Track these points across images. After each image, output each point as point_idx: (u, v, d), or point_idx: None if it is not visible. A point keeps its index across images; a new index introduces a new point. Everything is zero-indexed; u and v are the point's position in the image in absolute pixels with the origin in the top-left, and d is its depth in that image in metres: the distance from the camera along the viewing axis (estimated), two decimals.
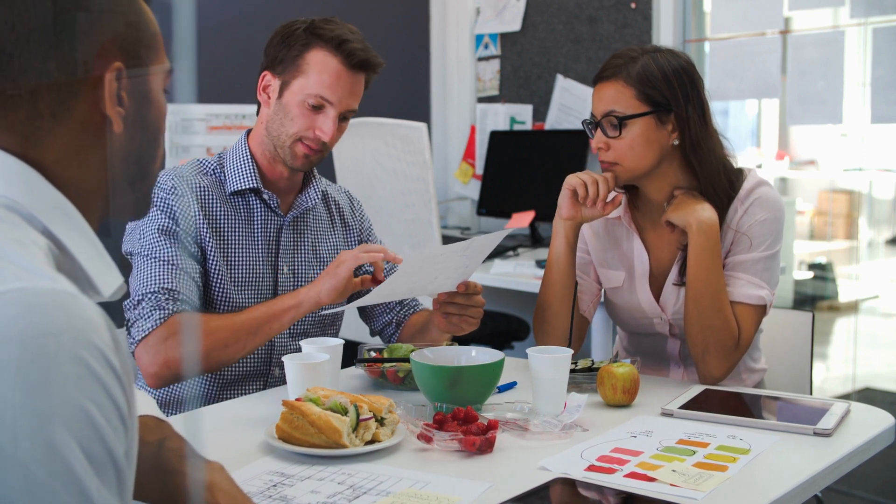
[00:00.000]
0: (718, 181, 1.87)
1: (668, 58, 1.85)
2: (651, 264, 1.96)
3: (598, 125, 1.86)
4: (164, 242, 1.81)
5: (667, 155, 1.87)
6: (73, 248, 0.88)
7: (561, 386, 1.62)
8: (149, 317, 1.73)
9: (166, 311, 1.74)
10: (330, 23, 1.88)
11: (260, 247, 1.92)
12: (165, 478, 1.12)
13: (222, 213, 1.89)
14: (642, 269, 1.96)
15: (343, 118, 1.91)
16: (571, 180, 1.89)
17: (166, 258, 1.80)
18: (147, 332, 1.72)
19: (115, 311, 1.80)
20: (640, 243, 1.96)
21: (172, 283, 1.78)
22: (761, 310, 1.86)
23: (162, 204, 1.84)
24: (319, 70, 1.85)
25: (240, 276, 1.89)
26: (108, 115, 0.91)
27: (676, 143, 1.86)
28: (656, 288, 1.96)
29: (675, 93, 1.83)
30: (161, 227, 1.82)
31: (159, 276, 1.78)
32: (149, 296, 1.76)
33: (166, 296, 1.76)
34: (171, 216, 1.83)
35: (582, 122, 1.93)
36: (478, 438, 1.43)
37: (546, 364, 1.62)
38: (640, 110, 1.83)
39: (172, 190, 1.85)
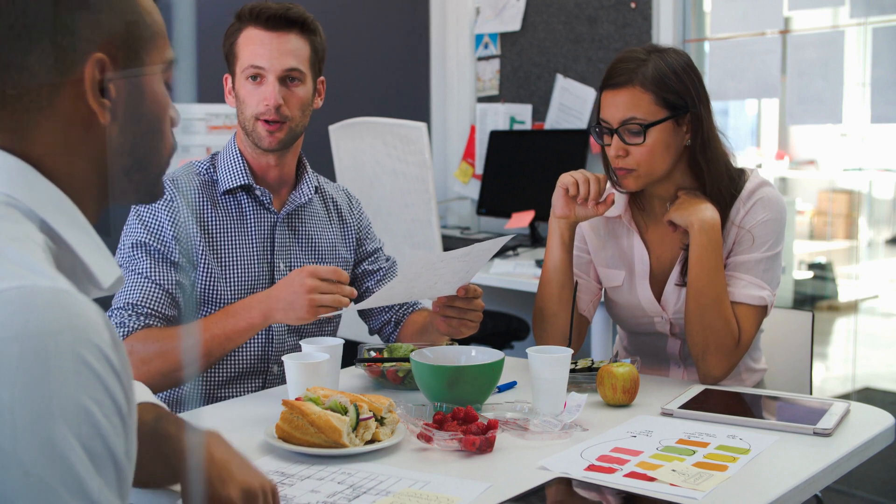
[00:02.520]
0: (723, 181, 1.87)
1: (674, 57, 1.85)
2: (652, 263, 1.96)
3: (616, 132, 1.84)
4: (138, 255, 1.83)
5: (679, 156, 1.87)
6: (71, 241, 0.88)
7: (561, 386, 1.62)
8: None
9: (126, 329, 1.76)
10: (251, 4, 1.91)
11: (254, 245, 1.92)
12: (163, 445, 1.13)
13: (213, 214, 1.90)
14: (642, 268, 1.96)
15: (291, 80, 1.90)
16: (565, 179, 1.90)
17: (140, 270, 1.81)
18: None
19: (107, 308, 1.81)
20: (640, 242, 1.96)
21: (138, 296, 1.79)
22: (762, 310, 1.86)
23: (144, 214, 1.85)
24: (246, 44, 1.89)
25: (235, 275, 1.89)
26: (90, 106, 0.91)
27: (688, 143, 1.86)
28: (657, 287, 1.96)
29: (690, 93, 1.83)
30: (134, 242, 1.83)
31: (127, 290, 1.80)
32: (116, 311, 1.79)
33: (129, 311, 1.78)
34: (150, 228, 1.84)
35: (590, 129, 1.92)
36: (478, 438, 1.43)
37: (546, 364, 1.62)
38: (659, 115, 1.82)
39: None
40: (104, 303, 0.99)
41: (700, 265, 1.81)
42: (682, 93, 1.82)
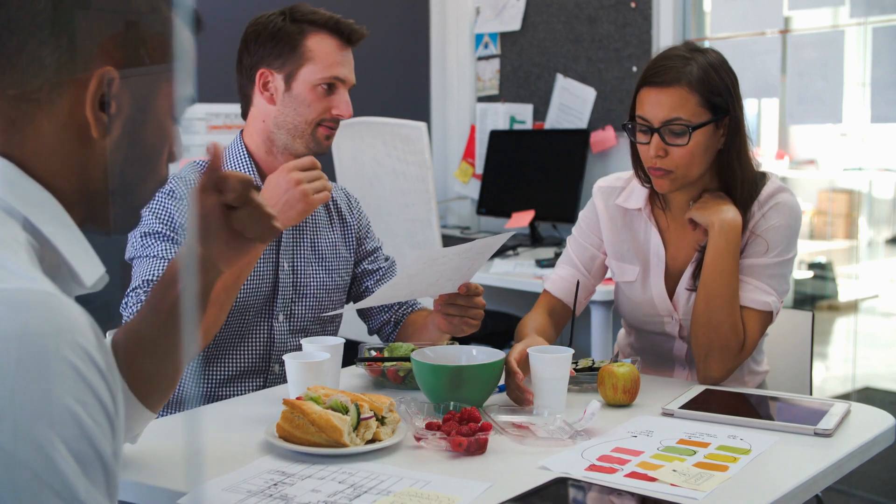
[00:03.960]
0: (752, 185, 1.86)
1: (713, 57, 1.83)
2: (667, 263, 1.95)
3: (657, 131, 1.81)
4: (151, 242, 1.82)
5: (713, 159, 1.86)
6: (54, 239, 0.88)
7: (562, 385, 1.62)
8: (132, 313, 1.74)
9: None
10: (310, 8, 1.92)
11: None
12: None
13: None
14: (658, 263, 1.95)
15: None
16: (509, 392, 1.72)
17: (154, 254, 1.81)
18: None
19: (113, 311, 1.81)
20: (657, 235, 1.95)
21: (154, 273, 1.78)
22: (767, 316, 1.85)
23: (155, 208, 1.84)
24: (325, 52, 1.90)
25: None
26: (87, 116, 0.90)
27: (721, 146, 1.85)
28: (670, 286, 1.95)
29: (732, 96, 1.82)
30: (146, 232, 1.82)
31: (142, 271, 1.79)
32: (131, 293, 1.78)
33: (146, 287, 1.77)
34: (162, 220, 1.83)
35: (623, 126, 1.89)
36: (465, 440, 1.42)
37: (547, 363, 1.62)
38: (704, 118, 1.80)
39: (171, 194, 1.86)
40: (110, 296, 0.99)
41: (715, 266, 1.80)
42: (727, 97, 1.81)
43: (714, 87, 1.80)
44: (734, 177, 1.85)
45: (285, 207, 1.73)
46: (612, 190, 2.00)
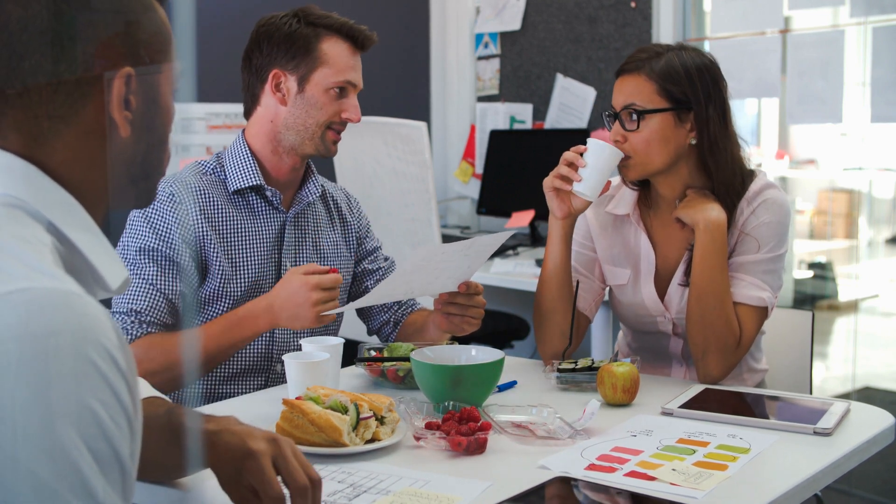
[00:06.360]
0: (732, 184, 1.87)
1: (692, 56, 1.85)
2: (658, 263, 1.96)
3: (617, 117, 1.86)
4: (142, 260, 1.81)
5: (683, 154, 1.87)
6: (79, 243, 0.89)
7: (604, 175, 1.82)
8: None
9: (130, 336, 1.76)
10: (323, 12, 1.93)
11: (264, 244, 1.92)
12: (180, 436, 1.15)
13: (225, 212, 1.89)
14: (648, 267, 1.96)
15: None
16: (548, 182, 1.89)
17: (145, 276, 1.80)
18: None
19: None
20: (646, 240, 1.96)
21: (143, 304, 1.78)
22: (763, 311, 1.85)
23: (152, 217, 1.83)
24: (338, 56, 1.91)
25: (245, 274, 1.89)
26: (114, 118, 0.92)
27: (693, 142, 1.86)
28: (662, 287, 1.96)
29: (697, 92, 1.83)
30: (141, 247, 1.81)
31: (132, 295, 1.79)
32: (119, 315, 1.79)
33: (133, 318, 1.78)
34: (157, 232, 1.82)
35: (602, 114, 1.94)
36: (464, 439, 1.42)
37: (599, 147, 1.81)
38: (659, 106, 1.83)
39: (170, 198, 1.85)
40: (105, 304, 0.99)
41: (703, 264, 1.81)
42: (687, 89, 1.83)
43: (675, 79, 1.82)
44: (710, 174, 1.87)
45: (292, 317, 1.74)
46: (602, 198, 2.01)
